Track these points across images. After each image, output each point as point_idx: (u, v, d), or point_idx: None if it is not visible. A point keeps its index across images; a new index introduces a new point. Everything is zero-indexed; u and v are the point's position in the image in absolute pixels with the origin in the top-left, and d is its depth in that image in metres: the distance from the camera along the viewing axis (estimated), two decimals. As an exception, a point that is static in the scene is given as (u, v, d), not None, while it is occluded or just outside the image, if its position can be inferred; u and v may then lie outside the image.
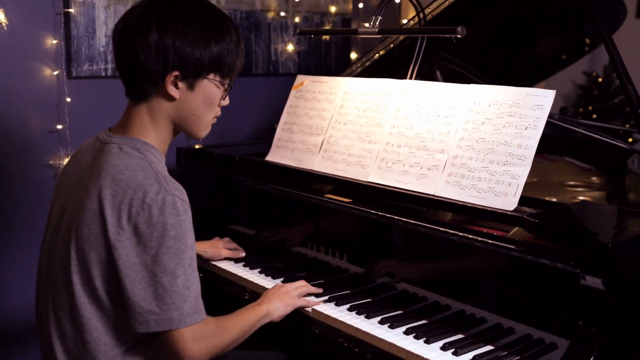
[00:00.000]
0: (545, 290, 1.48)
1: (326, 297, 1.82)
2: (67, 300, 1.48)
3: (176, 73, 1.47)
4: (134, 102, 1.54)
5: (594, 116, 3.66)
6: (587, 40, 3.06)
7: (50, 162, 2.51)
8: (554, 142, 2.87)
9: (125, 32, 1.49)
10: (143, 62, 1.46)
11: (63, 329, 1.49)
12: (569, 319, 1.42)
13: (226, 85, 1.56)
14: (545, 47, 2.94)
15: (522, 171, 1.63)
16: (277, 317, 1.72)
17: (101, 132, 1.58)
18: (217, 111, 1.58)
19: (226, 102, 1.60)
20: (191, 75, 1.49)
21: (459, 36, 1.79)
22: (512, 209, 1.59)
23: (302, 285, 1.83)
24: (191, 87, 1.51)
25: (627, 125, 3.77)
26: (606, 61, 3.94)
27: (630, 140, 3.52)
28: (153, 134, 1.53)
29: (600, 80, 3.84)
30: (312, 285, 1.86)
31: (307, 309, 1.78)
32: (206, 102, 1.53)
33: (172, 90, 1.49)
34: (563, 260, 1.40)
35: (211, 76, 1.52)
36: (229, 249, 2.16)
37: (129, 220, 1.40)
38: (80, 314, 1.46)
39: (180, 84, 1.49)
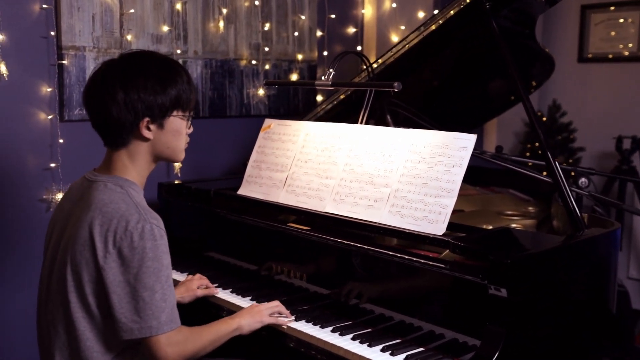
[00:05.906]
0: (468, 301, 1.77)
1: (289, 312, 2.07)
2: (64, 316, 1.71)
3: (147, 119, 1.74)
4: (112, 150, 1.79)
5: (540, 152, 3.95)
6: (534, 83, 3.36)
7: (44, 197, 2.72)
8: (502, 176, 3.13)
9: (95, 94, 1.74)
10: (116, 117, 1.71)
11: (61, 340, 1.73)
12: (484, 323, 1.70)
13: (188, 116, 1.84)
14: (495, 88, 3.10)
15: (450, 202, 1.93)
16: (247, 331, 1.91)
17: (87, 172, 1.84)
18: (187, 138, 1.85)
19: (190, 130, 1.86)
20: (159, 117, 1.76)
21: (395, 90, 2.11)
22: (441, 233, 1.89)
23: (274, 306, 2.00)
24: (161, 126, 1.77)
25: (571, 160, 4.10)
26: (550, 102, 4.29)
27: (572, 174, 3.82)
28: (133, 172, 1.79)
29: (544, 119, 4.16)
30: (276, 299, 2.08)
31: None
32: (175, 135, 1.80)
33: (146, 133, 1.75)
34: (475, 274, 1.69)
35: (174, 113, 1.79)
36: (203, 285, 2.26)
37: (114, 245, 1.65)
38: (75, 327, 1.69)
39: (152, 126, 1.76)
